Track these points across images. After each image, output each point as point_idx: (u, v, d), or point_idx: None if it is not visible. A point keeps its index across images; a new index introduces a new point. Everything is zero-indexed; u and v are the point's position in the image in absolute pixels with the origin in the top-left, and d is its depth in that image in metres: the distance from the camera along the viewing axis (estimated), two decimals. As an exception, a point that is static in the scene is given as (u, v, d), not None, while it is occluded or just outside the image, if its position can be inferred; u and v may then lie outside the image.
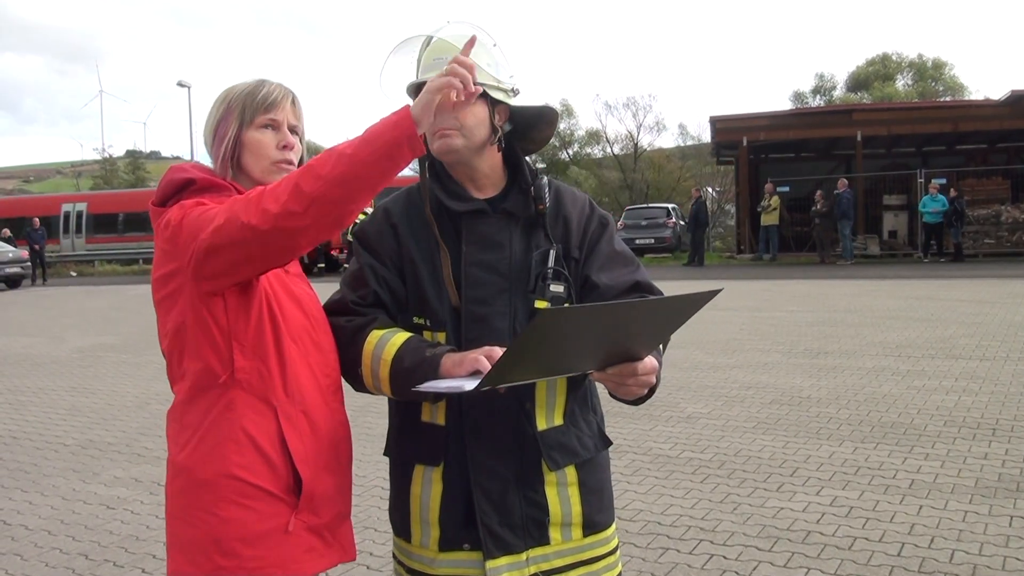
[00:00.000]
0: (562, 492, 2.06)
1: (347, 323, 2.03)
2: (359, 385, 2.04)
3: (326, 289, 2.15)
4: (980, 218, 23.40)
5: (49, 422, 7.74)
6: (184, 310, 1.85)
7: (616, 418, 6.43)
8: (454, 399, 2.00)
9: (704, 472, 5.39)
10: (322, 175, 1.67)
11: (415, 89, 2.05)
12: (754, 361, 9.08)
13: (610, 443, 2.18)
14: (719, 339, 10.56)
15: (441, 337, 2.01)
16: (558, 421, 2.06)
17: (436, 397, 1.94)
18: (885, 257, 24.57)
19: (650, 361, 1.78)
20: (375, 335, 1.98)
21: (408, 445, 2.10)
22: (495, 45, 2.06)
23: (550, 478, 2.05)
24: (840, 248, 23.79)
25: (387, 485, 5.67)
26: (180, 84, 38.93)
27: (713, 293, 1.67)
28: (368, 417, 6.92)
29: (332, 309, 2.07)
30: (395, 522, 2.15)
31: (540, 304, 2.00)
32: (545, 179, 2.11)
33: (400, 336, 1.96)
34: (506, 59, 2.08)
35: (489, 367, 1.75)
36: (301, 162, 2.08)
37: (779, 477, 5.22)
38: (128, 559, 4.41)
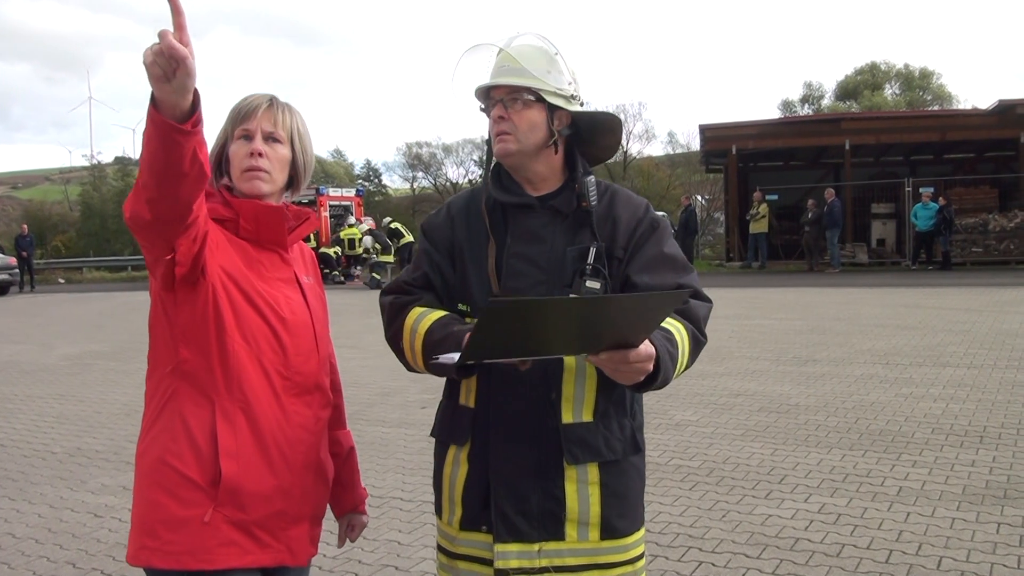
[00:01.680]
0: (582, 490, 2.07)
1: (394, 300, 2.17)
2: (404, 360, 2.15)
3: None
4: (968, 227, 23.51)
5: (37, 430, 7.71)
6: (152, 304, 2.02)
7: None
8: (483, 382, 2.09)
9: (693, 479, 5.40)
10: (140, 159, 1.74)
11: (483, 93, 2.17)
12: (743, 369, 9.11)
13: (639, 450, 2.18)
14: (708, 347, 10.46)
15: None
16: (587, 417, 2.08)
17: (464, 372, 2.01)
18: (873, 265, 24.65)
19: (645, 349, 1.78)
20: (416, 311, 2.11)
21: (446, 426, 2.20)
22: (557, 54, 2.14)
23: (570, 473, 2.07)
24: (828, 256, 23.89)
25: (376, 492, 5.68)
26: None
27: (682, 293, 1.75)
28: (358, 424, 6.90)
29: (387, 289, 2.24)
30: (435, 500, 2.25)
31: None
32: (593, 179, 2.17)
33: (437, 313, 2.08)
34: (567, 67, 2.15)
35: None
36: (295, 164, 2.14)
37: (767, 484, 5.24)
38: (115, 567, 4.40)
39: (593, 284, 2.05)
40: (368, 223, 25.90)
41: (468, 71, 2.18)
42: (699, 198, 38.35)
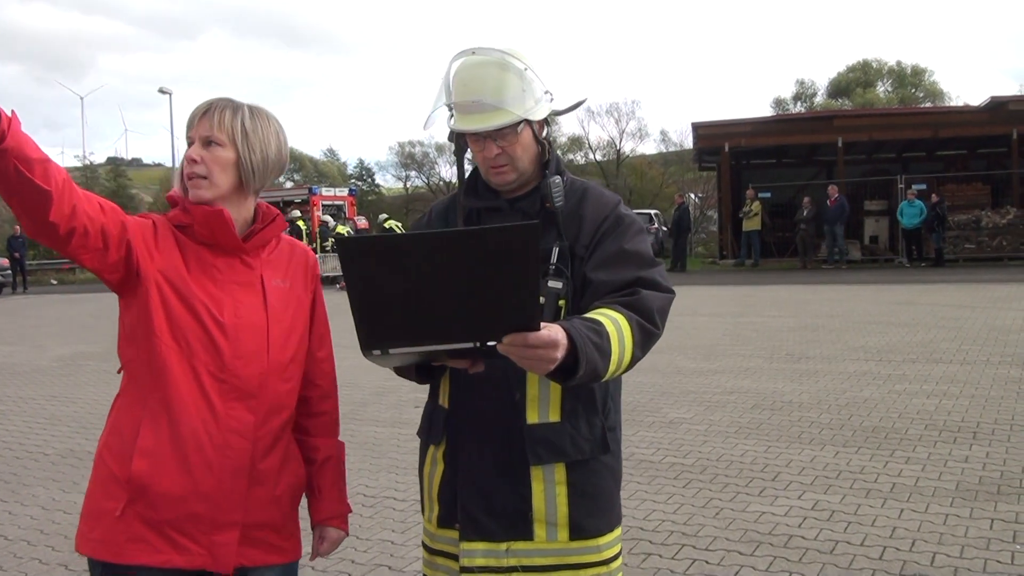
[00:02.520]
0: (549, 489, 2.07)
1: None
2: None
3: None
4: (960, 223, 23.56)
5: (29, 431, 7.69)
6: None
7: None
8: (455, 384, 2.12)
9: (686, 477, 5.40)
10: None
11: (457, 135, 2.14)
12: (736, 366, 9.12)
13: (608, 450, 2.15)
14: (701, 344, 10.59)
15: None
16: (553, 417, 2.07)
17: (425, 377, 2.11)
18: (866, 262, 24.71)
19: (547, 334, 1.64)
20: None
21: (426, 425, 2.25)
22: (526, 69, 2.07)
23: (537, 473, 2.06)
24: (823, 252, 23.95)
25: (369, 492, 5.66)
26: (162, 91, 38.82)
27: (528, 226, 1.57)
28: (351, 424, 6.89)
29: None
30: (420, 498, 2.30)
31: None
32: (558, 179, 2.12)
33: None
34: (538, 77, 2.09)
35: None
36: (241, 165, 2.07)
37: (761, 482, 5.24)
38: (108, 569, 4.38)
39: (555, 284, 2.02)
40: (361, 222, 25.84)
41: (438, 115, 2.15)
42: (692, 196, 38.45)
